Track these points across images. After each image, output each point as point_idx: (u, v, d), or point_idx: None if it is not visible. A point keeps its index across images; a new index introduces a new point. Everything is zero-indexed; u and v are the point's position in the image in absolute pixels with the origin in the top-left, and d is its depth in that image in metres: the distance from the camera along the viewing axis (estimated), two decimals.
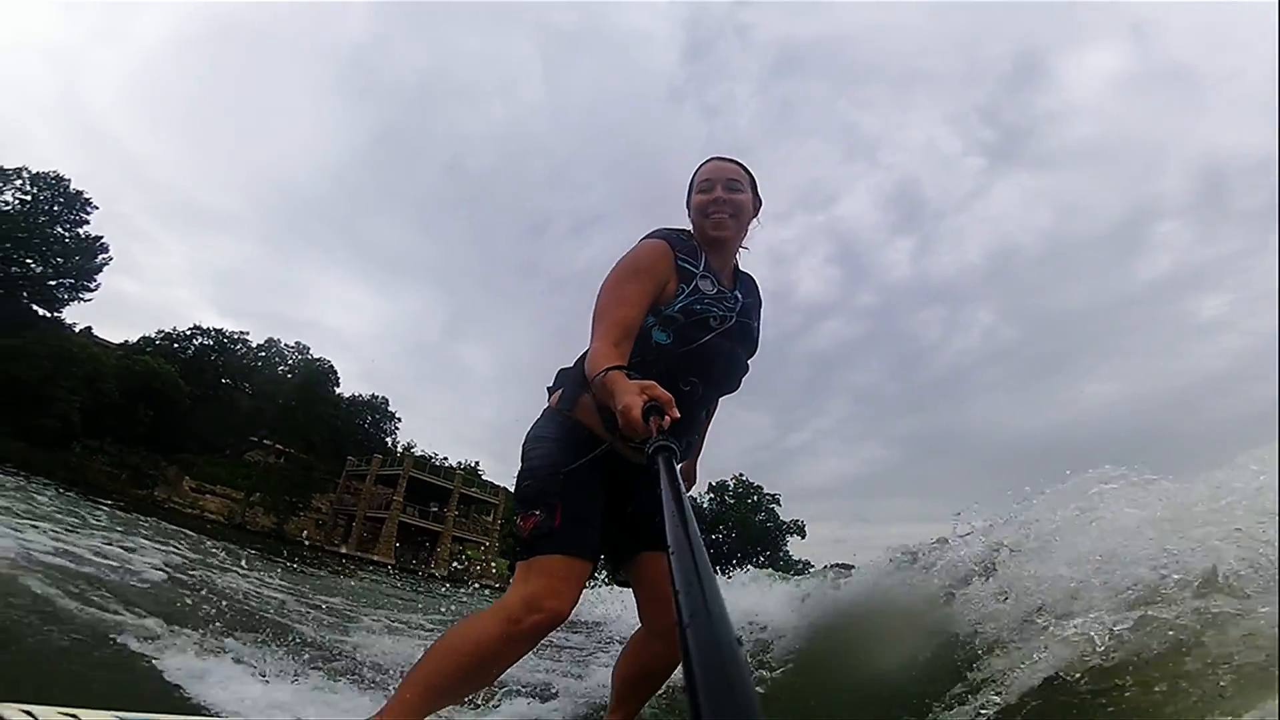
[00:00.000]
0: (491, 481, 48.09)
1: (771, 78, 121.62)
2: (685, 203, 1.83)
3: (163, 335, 41.47)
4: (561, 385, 1.76)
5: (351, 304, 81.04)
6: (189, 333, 42.28)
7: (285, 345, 45.28)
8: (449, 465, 45.93)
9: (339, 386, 44.73)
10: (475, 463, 48.42)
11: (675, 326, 1.64)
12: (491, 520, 45.69)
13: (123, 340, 40.34)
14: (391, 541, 39.15)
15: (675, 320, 1.64)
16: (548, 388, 1.82)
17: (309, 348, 45.66)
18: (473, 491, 45.05)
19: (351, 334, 76.27)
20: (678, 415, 1.21)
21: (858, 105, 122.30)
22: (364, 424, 47.11)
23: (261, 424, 42.98)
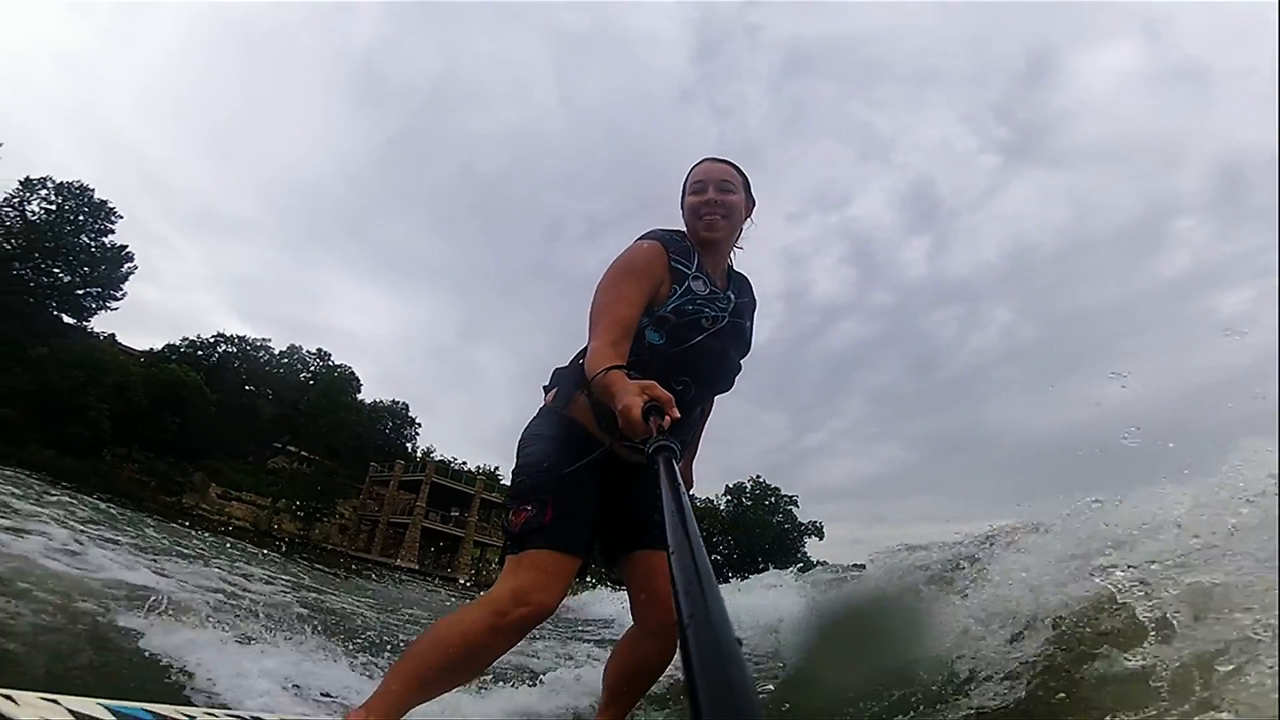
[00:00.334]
0: None
1: (782, 78, 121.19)
2: (680, 204, 1.85)
3: (187, 343, 41.80)
4: (557, 384, 1.78)
5: (368, 308, 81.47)
6: (213, 340, 42.64)
7: (307, 352, 45.50)
8: (469, 470, 46.00)
9: (361, 393, 44.91)
10: (495, 467, 48.36)
11: (668, 327, 1.65)
12: None
13: (145, 348, 40.80)
14: (415, 547, 39.29)
15: (668, 321, 1.65)
16: (544, 386, 1.84)
17: (330, 354, 45.90)
18: (493, 496, 45.09)
19: (368, 338, 76.70)
20: (678, 415, 1.21)
21: (870, 105, 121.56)
22: (385, 430, 47.25)
23: (284, 431, 43.21)
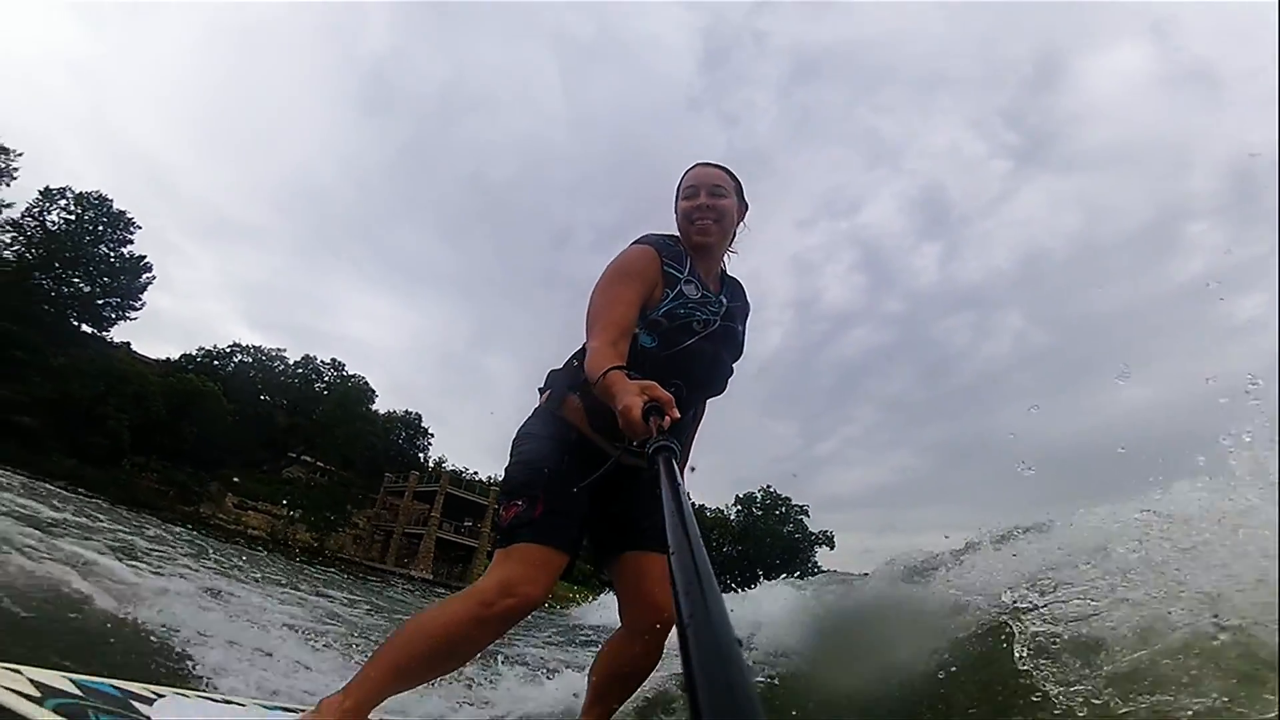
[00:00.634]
0: None
1: (790, 84, 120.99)
2: (673, 209, 1.85)
3: (203, 352, 42.04)
4: (551, 386, 1.80)
5: (378, 316, 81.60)
6: (229, 350, 42.85)
7: (321, 362, 45.65)
8: (481, 481, 45.89)
9: (375, 403, 44.95)
10: None
11: (660, 330, 1.67)
12: None
13: (159, 357, 40.93)
14: (430, 557, 39.20)
15: (660, 324, 1.67)
16: (539, 389, 1.84)
17: (344, 364, 46.04)
18: None
19: (378, 346, 76.76)
20: (678, 415, 1.22)
21: (878, 110, 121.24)
22: (398, 440, 47.23)
23: (299, 440, 43.24)
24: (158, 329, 76.41)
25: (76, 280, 34.86)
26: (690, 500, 0.82)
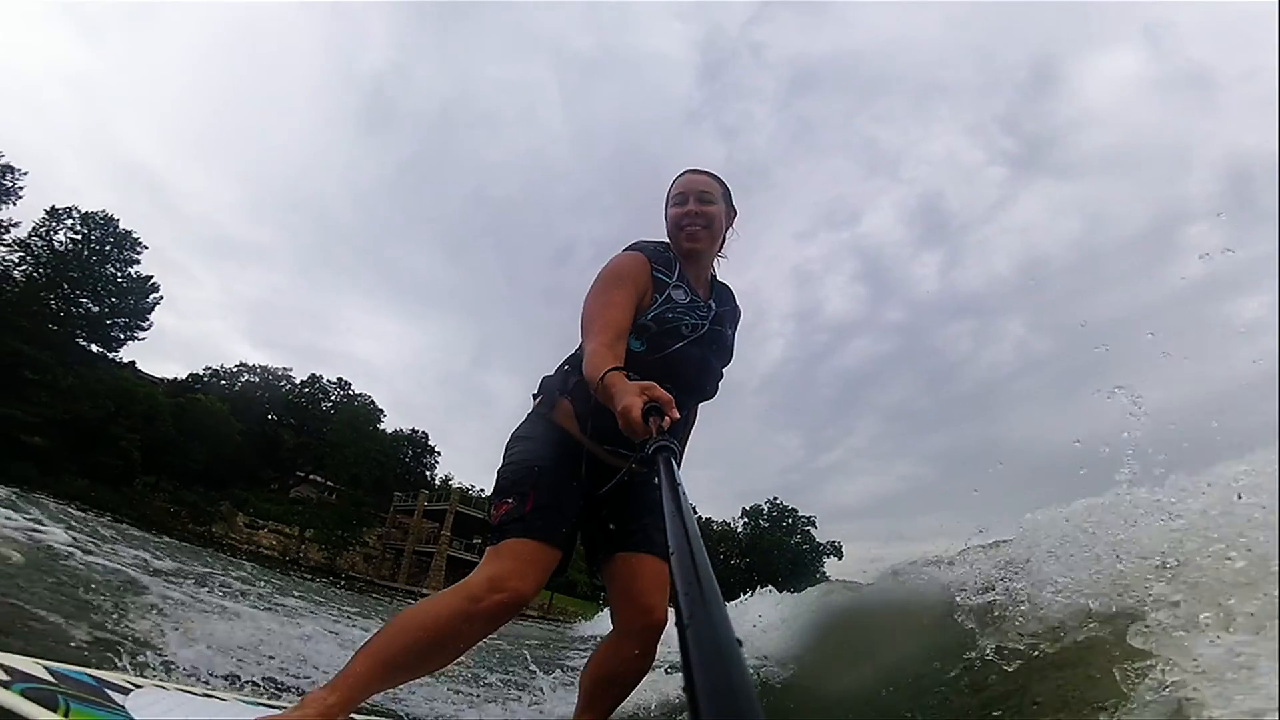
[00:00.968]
0: None
1: (788, 95, 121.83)
2: (663, 216, 1.87)
3: (210, 371, 41.68)
4: (544, 391, 1.82)
5: (380, 334, 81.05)
6: (236, 369, 42.50)
7: (328, 381, 45.33)
8: (487, 498, 45.50)
9: (383, 422, 44.62)
10: None
11: (648, 335, 1.68)
12: None
13: (164, 375, 40.42)
14: (441, 575, 38.81)
15: (648, 329, 1.68)
16: (533, 394, 1.86)
17: (351, 384, 45.76)
18: None
19: (382, 364, 76.25)
20: (677, 415, 1.23)
21: (876, 120, 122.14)
22: (405, 459, 46.81)
23: (307, 459, 42.78)
24: (161, 347, 75.74)
25: (84, 300, 34.55)
26: (690, 501, 0.82)
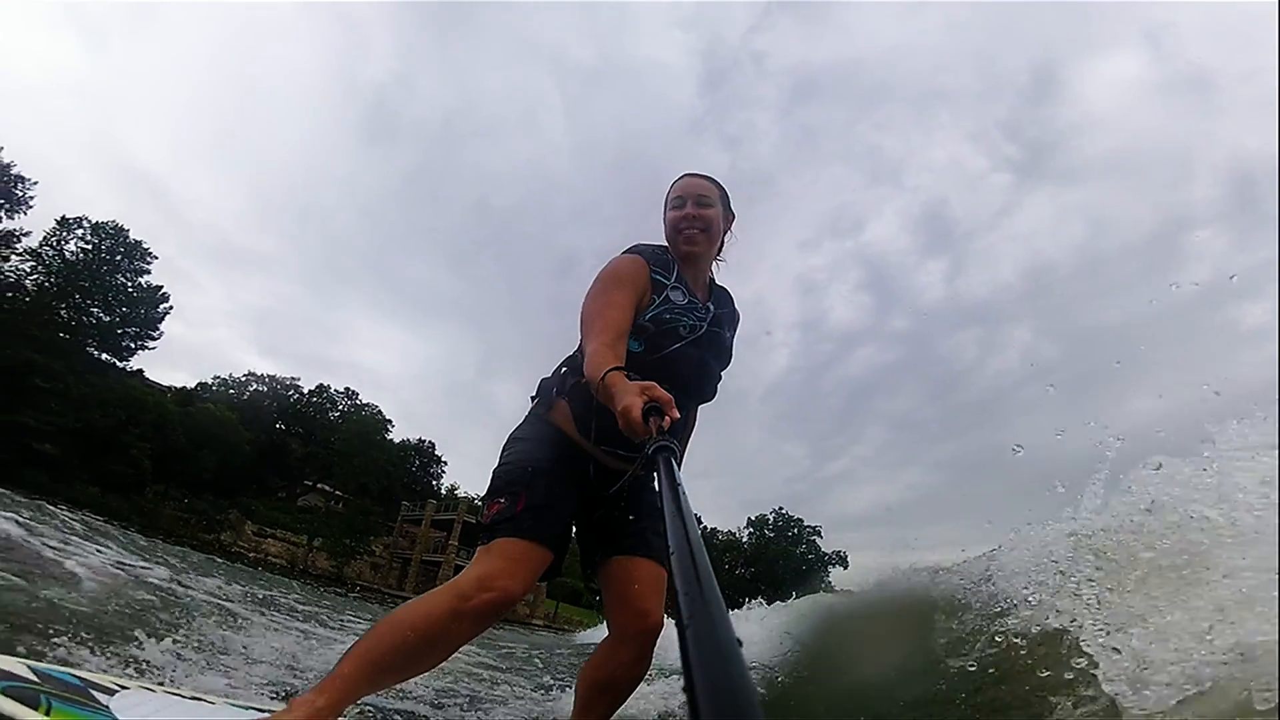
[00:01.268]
0: None
1: (790, 104, 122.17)
2: (662, 219, 1.89)
3: (219, 381, 41.81)
4: (541, 392, 1.83)
5: (385, 343, 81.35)
6: (244, 379, 42.63)
7: (335, 391, 45.45)
8: None
9: (390, 432, 44.66)
10: None
11: (646, 335, 1.69)
12: None
13: (170, 383, 40.58)
14: None
15: (646, 329, 1.69)
16: (531, 397, 1.86)
17: (358, 393, 45.86)
18: None
19: (387, 374, 76.52)
20: (678, 415, 1.23)
21: (879, 128, 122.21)
22: (412, 468, 46.80)
23: (315, 468, 42.77)
24: (166, 355, 75.86)
25: (95, 310, 34.77)
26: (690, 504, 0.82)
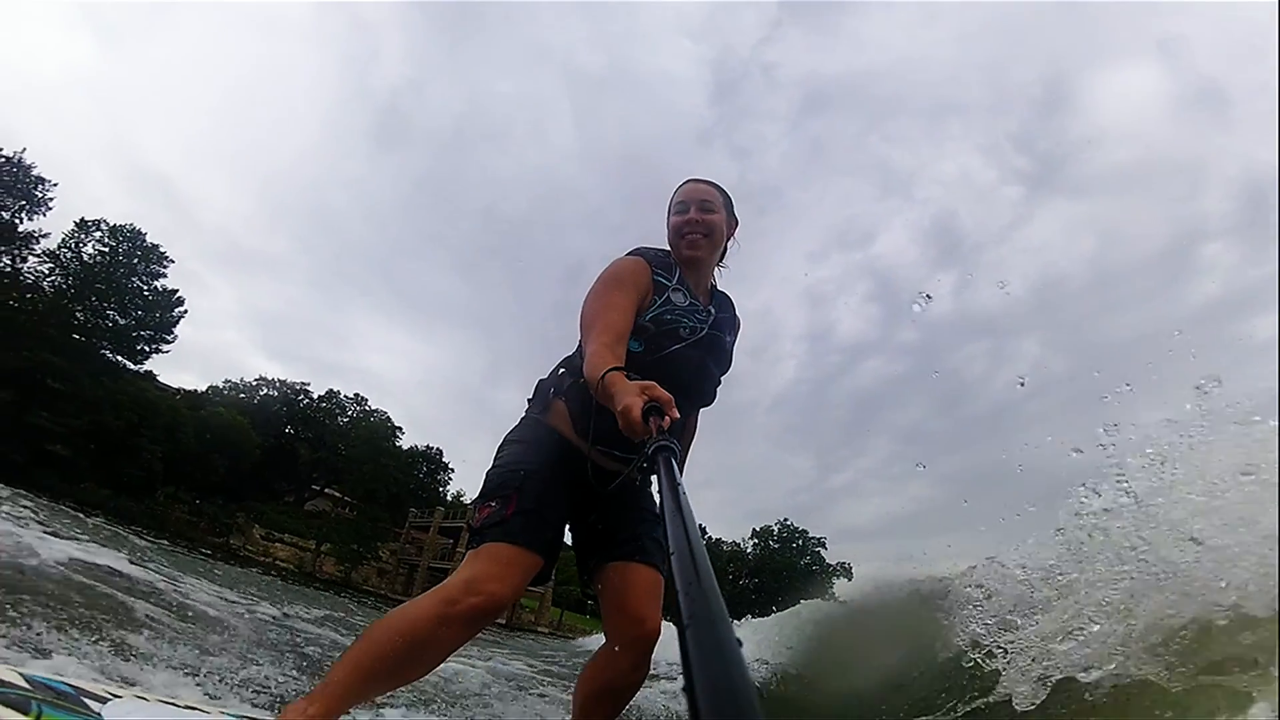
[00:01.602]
0: None
1: (800, 116, 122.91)
2: (665, 224, 1.89)
3: (229, 384, 42.05)
4: (538, 394, 1.82)
5: (392, 348, 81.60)
6: (255, 383, 42.85)
7: (345, 397, 45.60)
8: None
9: (400, 438, 44.71)
10: None
11: (646, 335, 1.68)
12: None
13: (178, 385, 40.48)
14: None
15: (646, 329, 1.68)
16: (528, 399, 1.85)
17: (367, 399, 46.01)
18: None
19: (394, 379, 76.76)
20: (678, 415, 1.23)
21: (889, 140, 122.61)
22: (419, 475, 46.83)
23: (322, 473, 42.84)
24: (175, 356, 76.39)
25: (111, 312, 34.99)
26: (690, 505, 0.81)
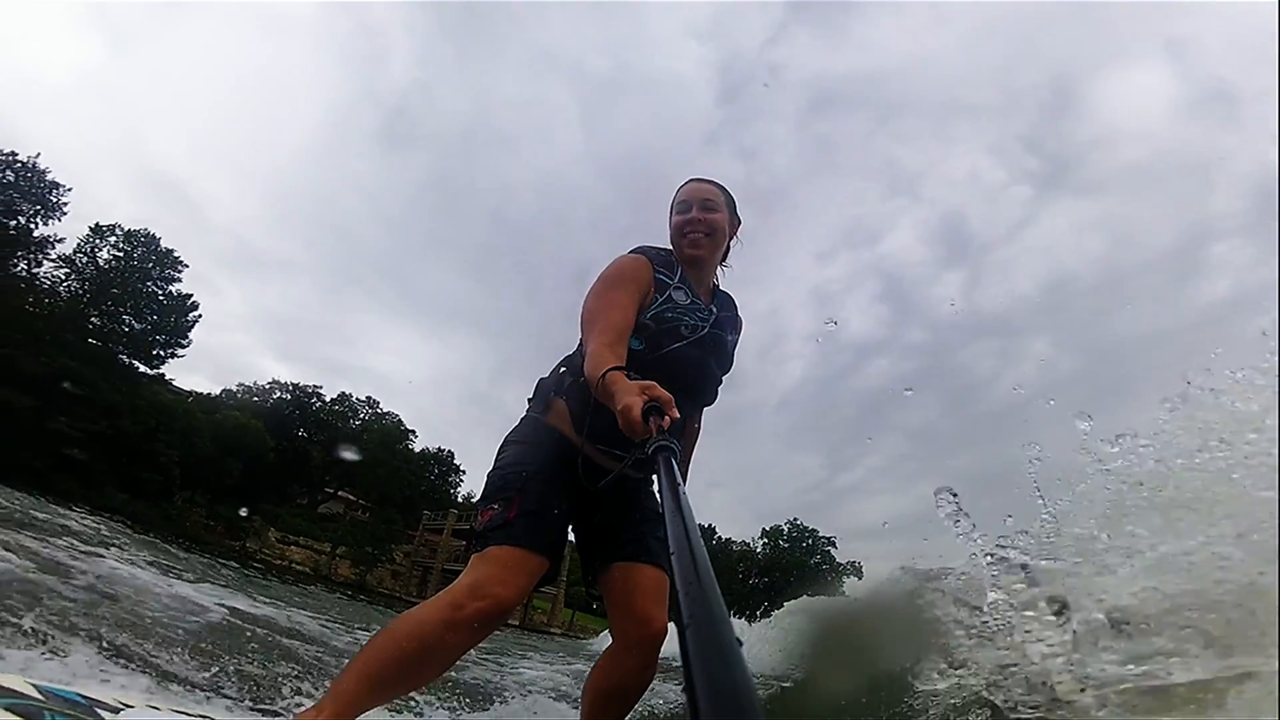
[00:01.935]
0: None
1: (808, 116, 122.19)
2: (668, 223, 1.88)
3: (243, 388, 42.25)
4: (538, 393, 1.81)
5: (401, 350, 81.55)
6: (268, 386, 43.05)
7: (357, 400, 45.76)
8: None
9: (412, 440, 44.82)
10: None
11: (647, 334, 1.68)
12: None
13: (189, 388, 40.62)
14: None
15: (647, 327, 1.68)
16: (528, 399, 1.84)
17: (379, 402, 46.16)
18: None
19: (401, 381, 76.66)
20: (678, 415, 1.22)
21: (897, 140, 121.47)
22: (431, 477, 46.94)
23: (335, 476, 42.98)
24: (186, 359, 76.77)
25: (126, 317, 35.19)
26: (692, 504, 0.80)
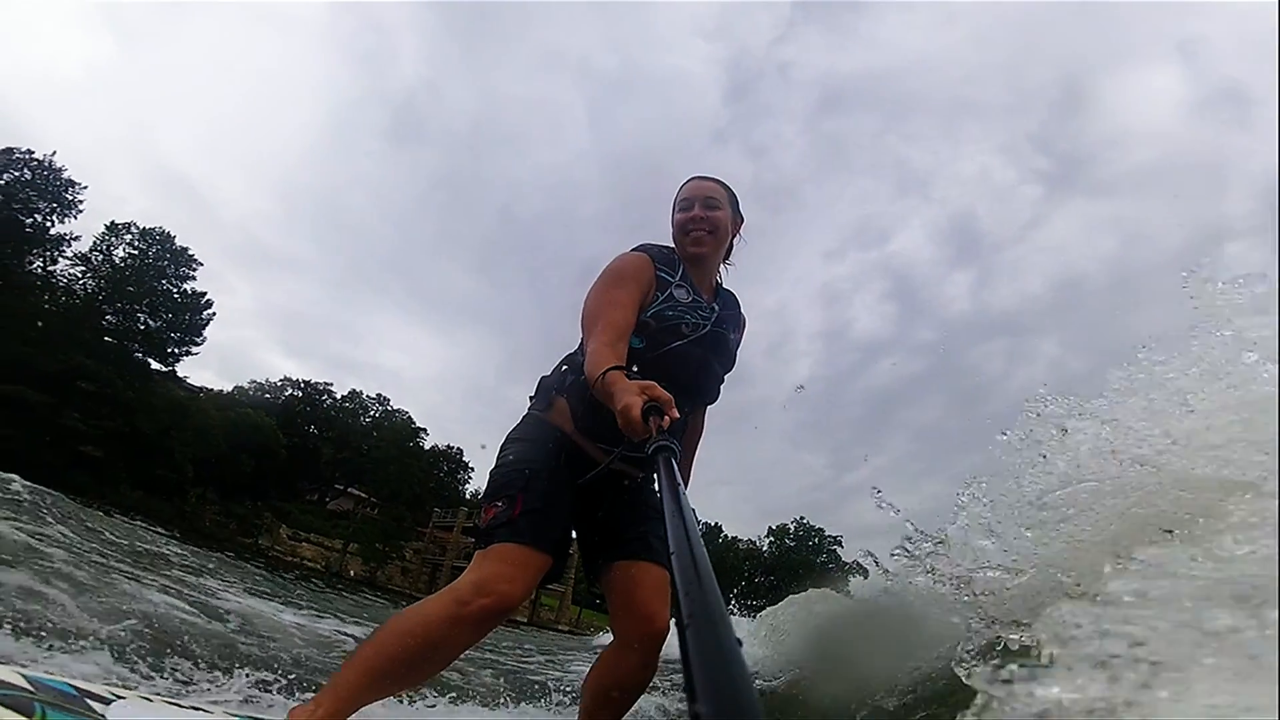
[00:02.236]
0: None
1: (816, 115, 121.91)
2: (670, 221, 1.88)
3: (255, 385, 42.54)
4: (540, 391, 1.81)
5: (409, 347, 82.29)
6: (279, 383, 43.32)
7: (367, 397, 45.98)
8: None
9: (424, 438, 45.03)
10: None
11: (648, 332, 1.67)
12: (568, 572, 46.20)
13: (201, 385, 40.87)
14: None
15: (648, 326, 1.67)
16: (530, 396, 1.85)
17: (389, 399, 46.38)
18: None
19: (411, 377, 77.34)
20: (677, 415, 1.22)
21: (907, 139, 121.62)
22: (440, 474, 47.15)
23: (346, 473, 43.23)
24: (199, 355, 77.72)
25: (141, 315, 35.41)
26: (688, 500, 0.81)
